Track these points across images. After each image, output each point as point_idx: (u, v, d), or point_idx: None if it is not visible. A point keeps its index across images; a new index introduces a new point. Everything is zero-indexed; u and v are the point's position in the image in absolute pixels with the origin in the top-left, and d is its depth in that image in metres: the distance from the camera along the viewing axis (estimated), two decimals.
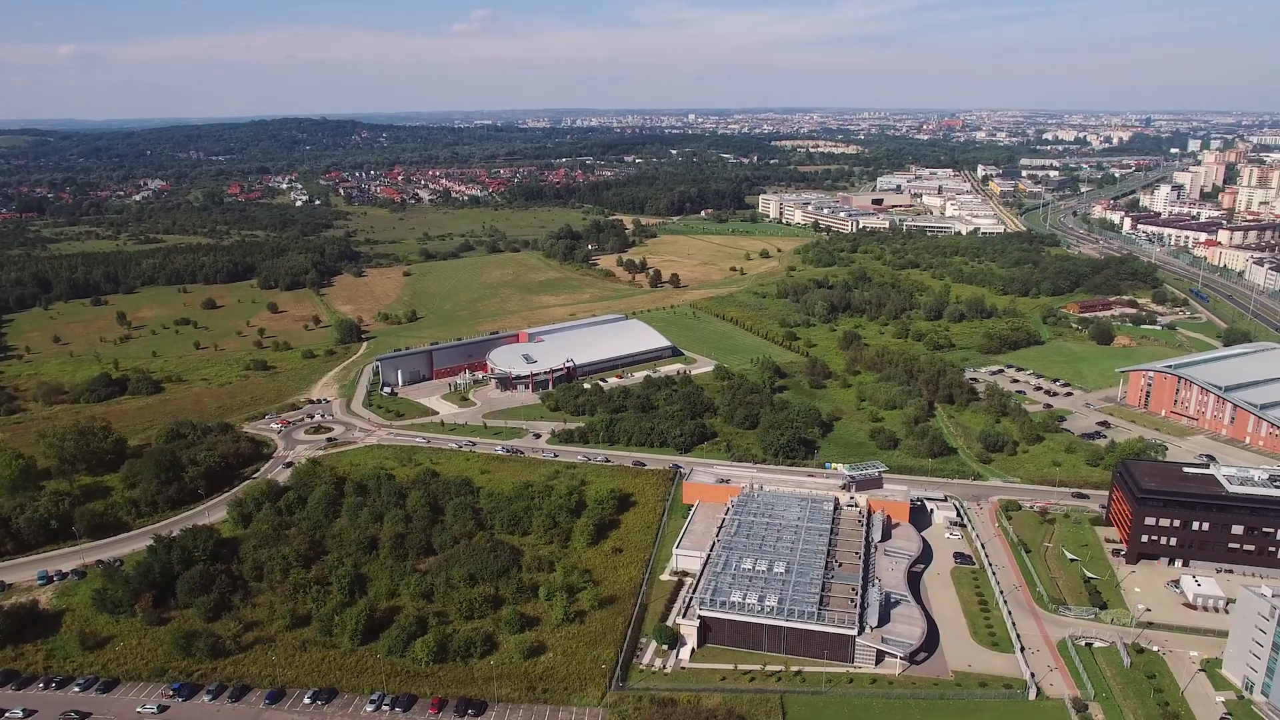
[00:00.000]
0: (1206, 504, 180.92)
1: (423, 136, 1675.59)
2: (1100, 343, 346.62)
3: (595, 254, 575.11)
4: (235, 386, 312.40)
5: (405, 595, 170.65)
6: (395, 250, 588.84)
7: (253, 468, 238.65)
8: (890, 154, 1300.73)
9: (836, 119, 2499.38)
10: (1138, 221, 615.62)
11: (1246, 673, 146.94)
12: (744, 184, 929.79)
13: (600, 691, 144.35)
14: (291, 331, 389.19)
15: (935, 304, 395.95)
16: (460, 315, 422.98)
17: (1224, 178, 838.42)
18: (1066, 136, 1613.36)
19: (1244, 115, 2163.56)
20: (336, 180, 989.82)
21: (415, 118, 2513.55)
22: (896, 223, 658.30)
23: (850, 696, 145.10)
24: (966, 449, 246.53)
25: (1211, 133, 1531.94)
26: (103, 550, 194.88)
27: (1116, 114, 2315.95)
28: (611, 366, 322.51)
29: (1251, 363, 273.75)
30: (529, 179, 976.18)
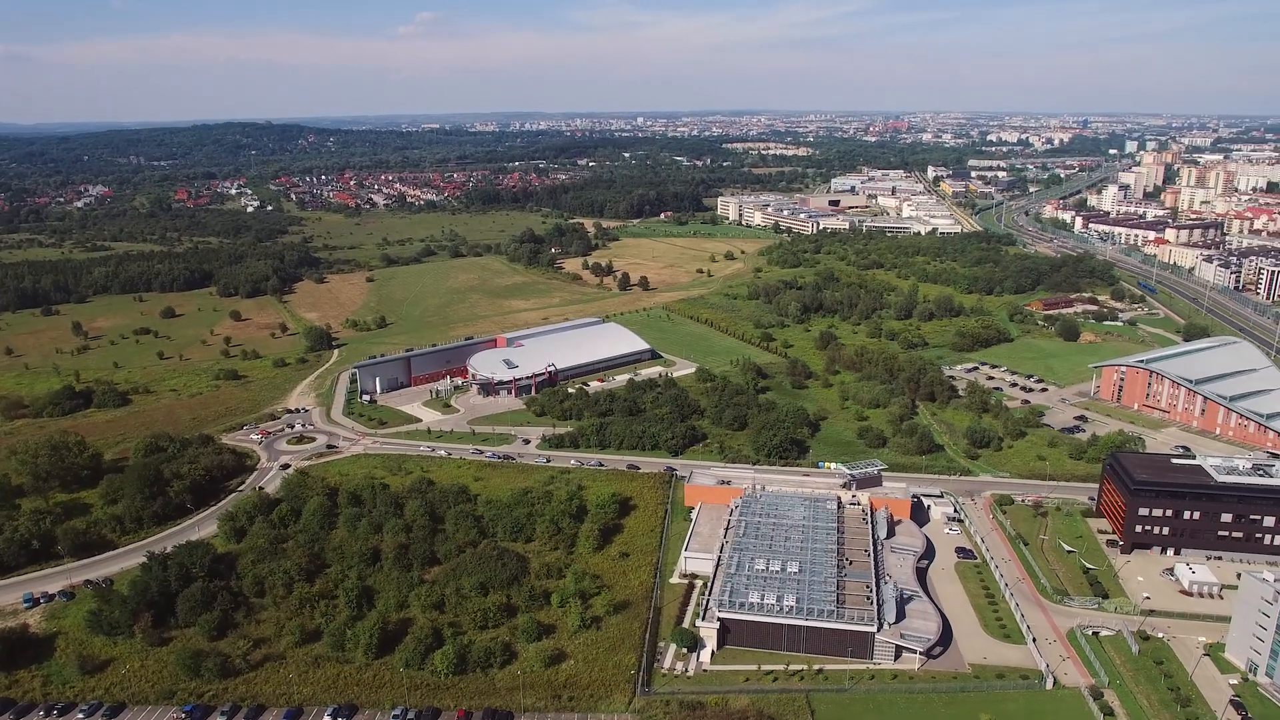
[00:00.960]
0: (1196, 493, 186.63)
1: (371, 141, 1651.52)
2: (1067, 339, 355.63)
3: (559, 258, 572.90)
4: (207, 397, 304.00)
5: (416, 606, 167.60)
6: (356, 256, 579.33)
7: (237, 480, 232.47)
8: (841, 156, 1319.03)
9: (784, 121, 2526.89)
10: (1089, 221, 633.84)
11: (1250, 655, 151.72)
12: (700, 186, 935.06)
13: (627, 697, 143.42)
14: (258, 340, 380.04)
15: (905, 303, 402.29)
16: (430, 321, 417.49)
17: (1163, 178, 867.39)
18: (1010, 138, 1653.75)
19: (1174, 118, 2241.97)
20: (287, 185, 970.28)
21: (361, 121, 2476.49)
22: (856, 224, 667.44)
23: (874, 693, 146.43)
24: (953, 445, 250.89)
25: (1145, 134, 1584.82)
26: (89, 570, 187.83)
27: (1055, 116, 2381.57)
28: (592, 370, 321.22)
29: (1218, 356, 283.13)
30: (484, 183, 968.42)
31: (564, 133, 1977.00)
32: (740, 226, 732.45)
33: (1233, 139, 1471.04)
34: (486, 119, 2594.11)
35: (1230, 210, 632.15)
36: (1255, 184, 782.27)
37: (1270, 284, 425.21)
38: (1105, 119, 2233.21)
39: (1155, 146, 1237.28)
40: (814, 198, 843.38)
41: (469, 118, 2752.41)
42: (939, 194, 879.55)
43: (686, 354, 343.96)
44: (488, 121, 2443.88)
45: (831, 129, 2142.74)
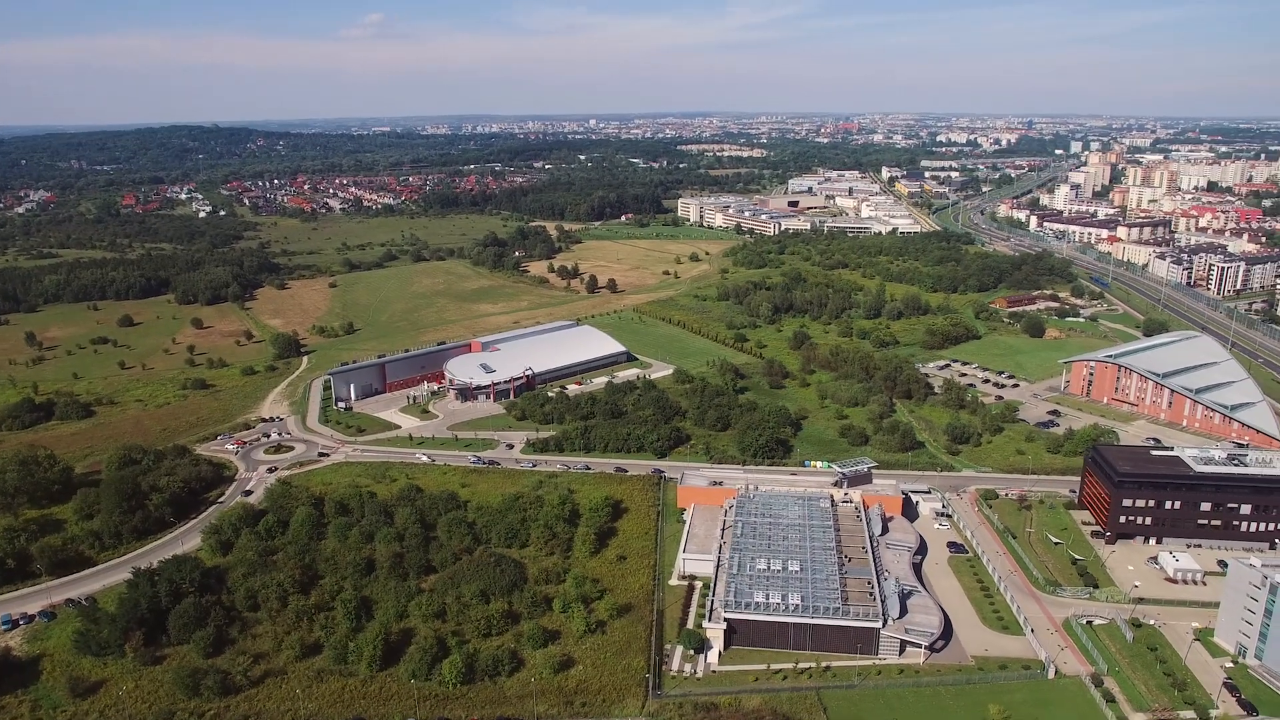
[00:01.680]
0: (1177, 484, 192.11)
1: (322, 144, 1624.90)
2: (1032, 335, 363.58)
3: (524, 261, 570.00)
4: (175, 407, 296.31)
5: (416, 616, 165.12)
6: (315, 261, 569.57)
7: (217, 492, 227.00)
8: (796, 157, 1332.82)
9: (736, 123, 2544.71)
10: (1043, 219, 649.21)
11: (1239, 639, 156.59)
12: (658, 188, 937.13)
13: (640, 701, 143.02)
14: (223, 348, 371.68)
15: (874, 303, 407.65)
16: (399, 326, 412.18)
17: (1109, 177, 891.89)
18: (959, 138, 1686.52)
19: (1114, 119, 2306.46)
20: (239, 190, 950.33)
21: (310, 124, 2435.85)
22: (817, 224, 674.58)
23: (883, 688, 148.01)
24: (933, 442, 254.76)
25: (1088, 135, 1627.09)
26: (69, 588, 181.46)
27: (1000, 117, 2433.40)
28: (570, 373, 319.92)
29: (1181, 351, 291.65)
30: (441, 186, 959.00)
31: (517, 135, 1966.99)
32: (702, 228, 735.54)
33: (1170, 140, 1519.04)
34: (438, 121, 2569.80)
35: (1176, 208, 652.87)
36: (1196, 183, 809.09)
37: (1220, 280, 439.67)
38: (1049, 120, 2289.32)
39: (1099, 147, 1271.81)
40: (773, 199, 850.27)
41: (420, 120, 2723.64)
42: (895, 194, 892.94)
43: (662, 356, 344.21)
44: (439, 124, 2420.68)
45: (784, 130, 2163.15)
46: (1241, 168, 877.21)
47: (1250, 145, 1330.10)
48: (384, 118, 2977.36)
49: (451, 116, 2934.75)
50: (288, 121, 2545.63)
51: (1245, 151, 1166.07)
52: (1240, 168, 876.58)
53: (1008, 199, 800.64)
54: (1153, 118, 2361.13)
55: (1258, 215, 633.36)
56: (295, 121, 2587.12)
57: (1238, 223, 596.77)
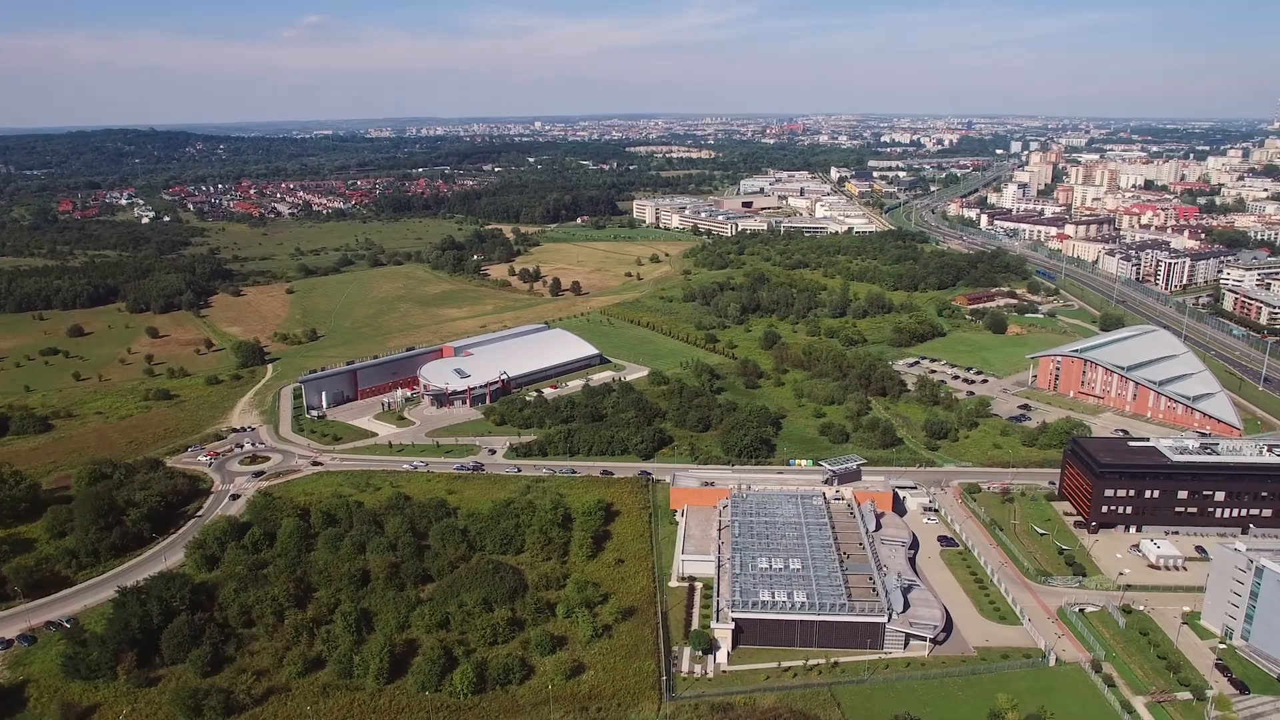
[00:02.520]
0: (1155, 473, 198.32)
1: (264, 148, 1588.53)
2: (995, 332, 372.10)
3: (484, 264, 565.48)
4: (139, 419, 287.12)
5: (419, 626, 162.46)
6: (270, 267, 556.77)
7: (194, 505, 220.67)
8: (744, 158, 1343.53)
9: (681, 124, 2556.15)
10: (993, 218, 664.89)
11: (1226, 621, 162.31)
12: (611, 190, 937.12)
13: (655, 704, 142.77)
14: (182, 357, 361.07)
15: (839, 302, 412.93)
16: (363, 332, 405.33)
17: (1051, 176, 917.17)
18: (902, 139, 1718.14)
19: (1049, 120, 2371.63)
20: (182, 195, 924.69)
21: (249, 128, 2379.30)
22: (774, 224, 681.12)
23: (892, 681, 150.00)
24: (911, 438, 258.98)
25: (1026, 135, 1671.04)
26: (47, 610, 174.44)
27: (940, 117, 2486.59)
28: (544, 377, 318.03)
29: (1142, 344, 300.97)
30: (392, 190, 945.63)
31: (463, 138, 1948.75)
32: (658, 229, 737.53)
33: (1104, 139, 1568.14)
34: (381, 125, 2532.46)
35: (1119, 206, 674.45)
36: (1134, 182, 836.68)
37: (1167, 275, 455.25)
38: (987, 120, 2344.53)
39: (1038, 147, 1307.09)
40: (727, 200, 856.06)
41: (363, 124, 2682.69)
42: (846, 194, 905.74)
43: (634, 358, 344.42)
44: (383, 127, 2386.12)
45: (729, 132, 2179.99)
46: (1175, 167, 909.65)
47: (1178, 145, 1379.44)
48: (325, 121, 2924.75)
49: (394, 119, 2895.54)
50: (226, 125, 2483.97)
51: (1175, 151, 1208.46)
52: (1174, 167, 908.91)
53: (957, 198, 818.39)
54: (1085, 118, 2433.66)
55: (1195, 213, 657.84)
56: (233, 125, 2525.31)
57: (1177, 220, 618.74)
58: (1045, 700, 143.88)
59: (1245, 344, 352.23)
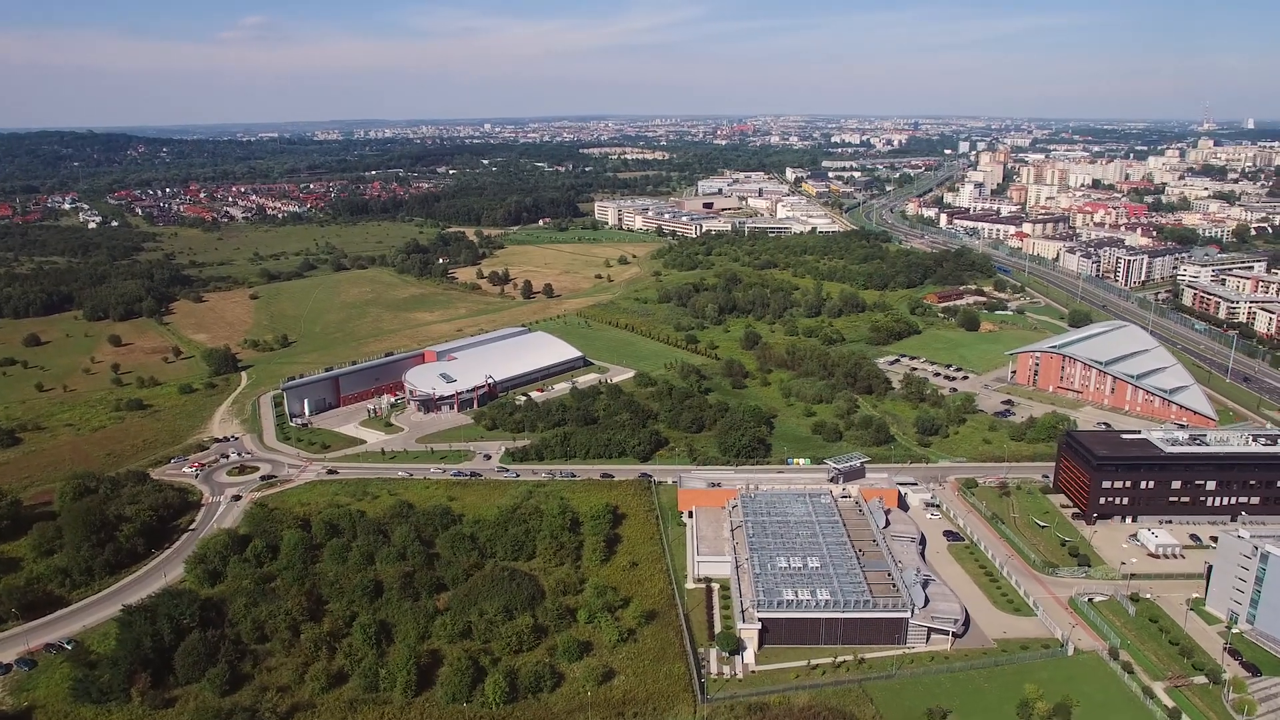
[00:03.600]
0: (1150, 464, 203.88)
1: (209, 151, 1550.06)
2: (969, 329, 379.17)
3: (450, 267, 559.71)
4: (113, 430, 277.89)
5: (441, 637, 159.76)
6: (230, 272, 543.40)
7: (186, 518, 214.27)
8: (699, 159, 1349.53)
9: (632, 126, 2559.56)
10: (952, 217, 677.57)
11: (1231, 606, 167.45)
12: (570, 192, 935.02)
13: (691, 708, 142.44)
14: (150, 365, 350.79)
15: (813, 301, 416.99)
16: (335, 337, 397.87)
17: (1002, 176, 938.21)
18: (852, 139, 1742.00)
19: (992, 120, 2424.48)
20: (129, 199, 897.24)
21: (190, 131, 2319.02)
22: (738, 225, 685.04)
23: (919, 676, 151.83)
24: (902, 435, 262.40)
25: (972, 136, 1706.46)
26: (44, 632, 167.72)
27: (887, 118, 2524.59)
28: (529, 380, 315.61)
29: (1116, 339, 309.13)
30: (347, 194, 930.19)
31: (413, 140, 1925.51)
32: (621, 231, 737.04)
33: (1047, 140, 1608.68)
34: (328, 127, 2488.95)
35: (1072, 205, 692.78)
36: (1082, 181, 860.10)
37: (1126, 272, 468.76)
38: (933, 121, 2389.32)
39: (986, 147, 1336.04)
40: (688, 201, 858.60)
41: (309, 126, 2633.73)
42: (803, 194, 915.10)
43: (616, 360, 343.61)
44: (330, 130, 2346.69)
45: (681, 133, 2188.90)
46: (1119, 166, 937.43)
47: (1118, 145, 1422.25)
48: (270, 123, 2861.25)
49: (342, 122, 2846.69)
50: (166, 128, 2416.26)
51: (1115, 151, 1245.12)
52: (1118, 166, 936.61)
53: (914, 197, 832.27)
54: (1026, 119, 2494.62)
55: (1143, 211, 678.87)
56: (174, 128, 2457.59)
57: (1129, 218, 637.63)
58: (1068, 689, 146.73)
59: (1208, 338, 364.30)
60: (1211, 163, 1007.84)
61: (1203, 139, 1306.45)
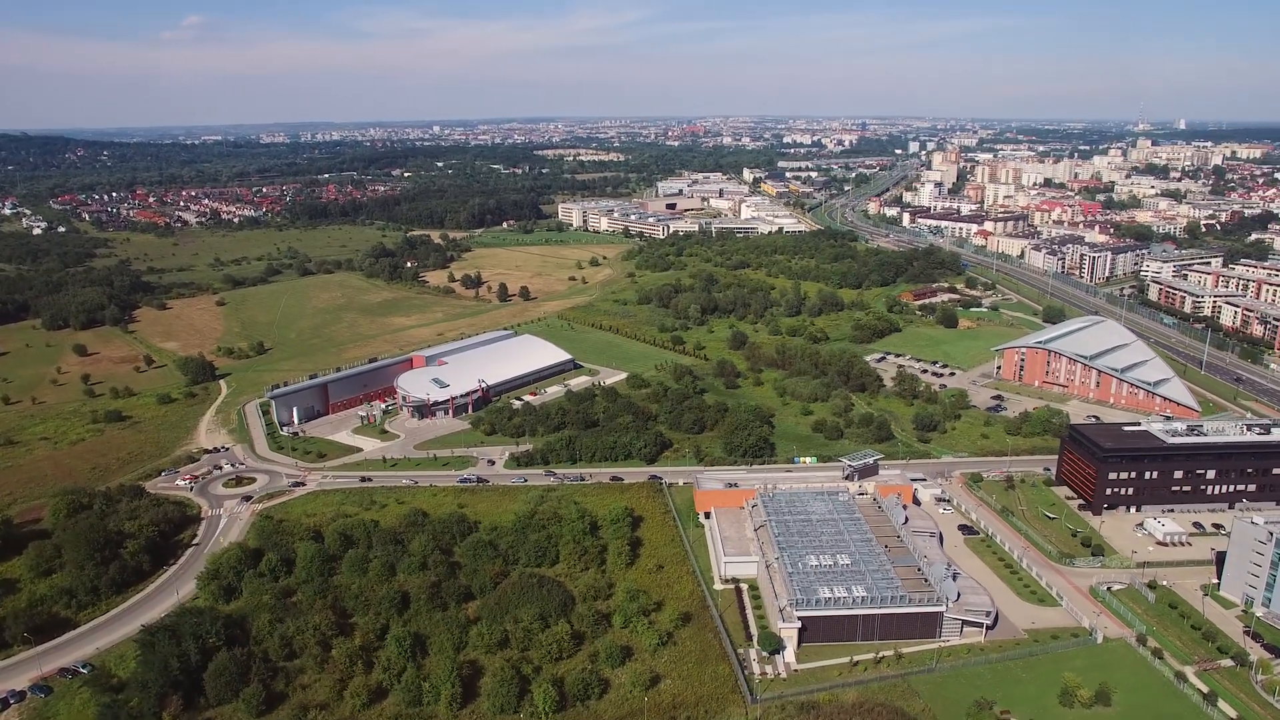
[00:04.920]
0: (1153, 455, 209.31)
1: (152, 154, 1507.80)
2: (948, 326, 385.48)
3: (420, 271, 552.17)
4: (94, 443, 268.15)
5: (478, 647, 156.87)
6: (191, 278, 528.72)
7: (188, 533, 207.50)
8: (655, 160, 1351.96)
9: (582, 127, 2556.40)
10: (915, 216, 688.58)
11: (1246, 591, 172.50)
12: (531, 194, 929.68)
13: (742, 709, 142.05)
14: (121, 375, 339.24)
15: (793, 301, 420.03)
16: (313, 344, 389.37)
17: (957, 175, 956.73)
18: (804, 140, 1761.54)
19: (937, 120, 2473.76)
20: (74, 204, 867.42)
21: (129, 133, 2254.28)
22: (704, 225, 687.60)
23: (959, 668, 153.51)
24: (901, 432, 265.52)
25: (919, 136, 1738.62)
26: (54, 656, 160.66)
27: (835, 119, 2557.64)
28: (522, 384, 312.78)
29: (1096, 334, 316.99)
30: (304, 197, 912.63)
31: (363, 143, 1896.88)
32: (588, 232, 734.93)
33: (992, 140, 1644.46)
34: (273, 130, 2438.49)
35: (1030, 203, 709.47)
36: (1035, 180, 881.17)
37: (1091, 268, 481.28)
38: (880, 122, 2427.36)
39: (935, 147, 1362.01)
40: (651, 202, 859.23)
41: (254, 129, 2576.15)
42: (763, 195, 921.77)
43: (605, 362, 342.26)
44: (275, 132, 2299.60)
45: (632, 134, 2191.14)
46: (1068, 166, 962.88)
47: (1061, 145, 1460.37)
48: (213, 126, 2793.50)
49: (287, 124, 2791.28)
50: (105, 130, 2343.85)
51: (1060, 150, 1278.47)
52: (1067, 166, 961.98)
53: (874, 197, 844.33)
54: (970, 119, 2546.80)
55: (1098, 209, 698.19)
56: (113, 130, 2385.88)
57: (1085, 216, 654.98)
58: (1103, 676, 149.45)
59: (1178, 332, 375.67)
60: (1153, 162, 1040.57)
61: (1141, 139, 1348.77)
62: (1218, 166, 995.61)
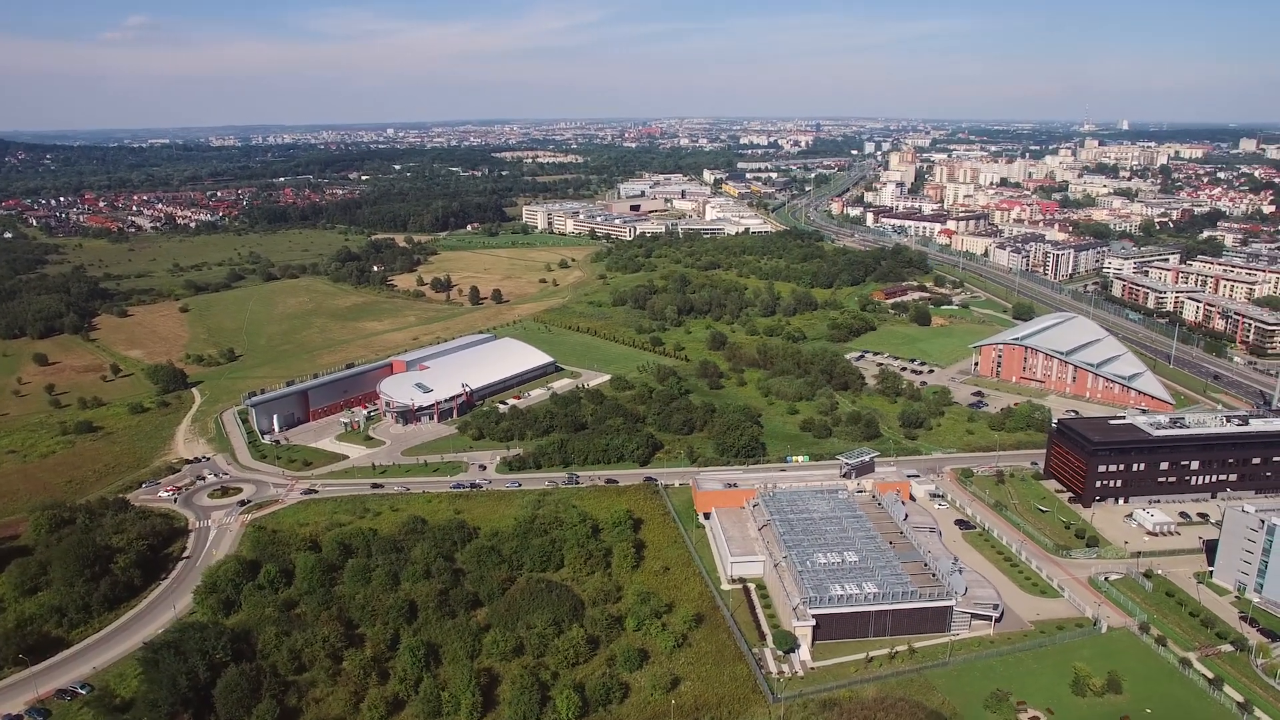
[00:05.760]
0: (1140, 448, 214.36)
1: (99, 158, 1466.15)
2: (921, 324, 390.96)
3: (388, 275, 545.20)
4: (65, 456, 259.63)
5: (493, 654, 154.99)
6: (150, 284, 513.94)
7: (177, 545, 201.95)
8: (615, 161, 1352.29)
9: (538, 129, 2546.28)
10: (879, 215, 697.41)
11: (1238, 577, 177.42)
12: (493, 196, 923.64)
13: (765, 709, 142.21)
14: (86, 385, 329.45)
15: (767, 301, 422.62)
16: (284, 350, 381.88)
17: (915, 175, 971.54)
18: (760, 141, 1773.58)
19: (889, 121, 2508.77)
20: (19, 209, 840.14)
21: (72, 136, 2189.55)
22: (670, 226, 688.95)
23: (971, 661, 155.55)
24: (887, 429, 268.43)
25: (873, 136, 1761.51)
26: (49, 677, 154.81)
27: (789, 120, 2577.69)
28: (505, 387, 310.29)
29: (1070, 330, 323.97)
30: (261, 201, 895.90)
31: (317, 146, 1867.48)
32: (553, 235, 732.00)
33: (945, 140, 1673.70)
34: (224, 133, 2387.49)
35: (990, 203, 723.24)
36: (992, 179, 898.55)
37: (1055, 266, 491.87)
38: (833, 123, 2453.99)
39: (890, 148, 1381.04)
40: (614, 204, 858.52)
41: (203, 131, 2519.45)
42: (726, 195, 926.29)
43: (585, 364, 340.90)
44: (226, 135, 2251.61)
45: (589, 136, 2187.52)
46: (1022, 165, 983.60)
47: (1012, 145, 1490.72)
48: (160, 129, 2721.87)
49: (237, 127, 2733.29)
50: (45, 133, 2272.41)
51: (1012, 150, 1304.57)
52: (1021, 165, 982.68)
53: (835, 197, 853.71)
54: (922, 120, 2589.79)
55: (1055, 208, 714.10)
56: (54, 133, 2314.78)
57: (1043, 215, 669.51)
58: (1111, 664, 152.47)
59: (1144, 327, 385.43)
60: (1103, 161, 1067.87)
61: (1088, 139, 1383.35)
62: (1164, 166, 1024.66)
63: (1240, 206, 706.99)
